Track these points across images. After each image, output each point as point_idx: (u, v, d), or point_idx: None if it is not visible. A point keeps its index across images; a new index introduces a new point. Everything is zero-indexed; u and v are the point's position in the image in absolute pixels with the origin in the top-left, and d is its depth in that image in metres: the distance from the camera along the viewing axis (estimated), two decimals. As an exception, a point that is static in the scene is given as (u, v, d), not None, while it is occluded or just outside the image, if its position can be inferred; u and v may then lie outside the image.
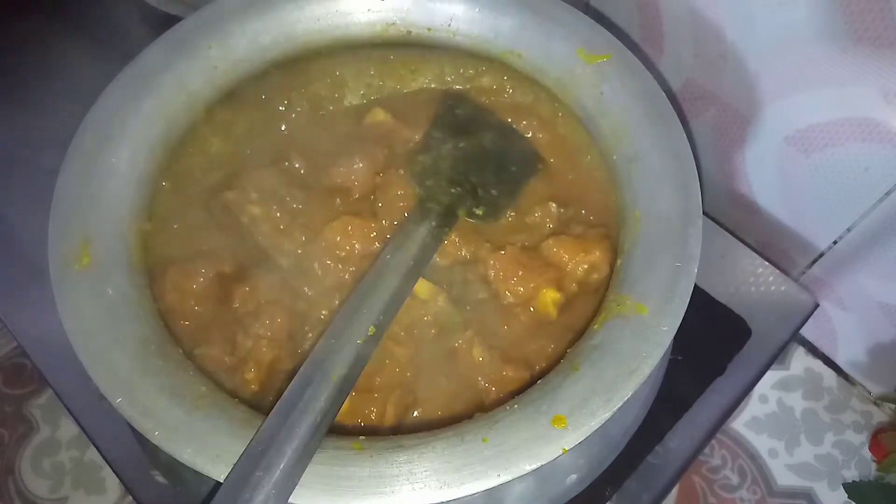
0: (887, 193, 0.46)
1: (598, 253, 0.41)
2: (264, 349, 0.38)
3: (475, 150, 0.46)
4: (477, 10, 0.45)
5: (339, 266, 0.42)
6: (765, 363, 0.51)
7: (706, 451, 0.56)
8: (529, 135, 0.48)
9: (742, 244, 0.55)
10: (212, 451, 0.31)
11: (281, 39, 0.45)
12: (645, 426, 0.44)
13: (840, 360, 0.60)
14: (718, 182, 0.58)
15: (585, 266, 0.41)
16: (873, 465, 0.57)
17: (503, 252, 0.42)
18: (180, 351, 0.36)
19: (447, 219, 0.42)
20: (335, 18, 0.46)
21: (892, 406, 0.58)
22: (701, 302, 0.49)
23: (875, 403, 0.59)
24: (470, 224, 0.43)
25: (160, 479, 0.45)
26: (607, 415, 0.32)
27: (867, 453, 0.57)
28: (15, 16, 0.68)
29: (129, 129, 0.40)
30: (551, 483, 0.41)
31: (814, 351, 0.61)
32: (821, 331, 0.59)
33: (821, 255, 0.54)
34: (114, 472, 0.47)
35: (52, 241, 0.37)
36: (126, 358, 0.34)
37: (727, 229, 0.56)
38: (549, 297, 0.40)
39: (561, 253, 0.41)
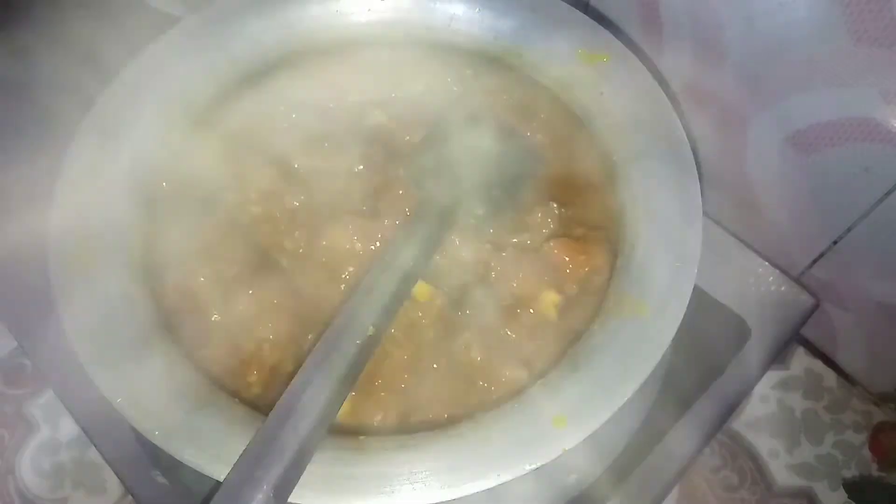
0: (887, 193, 0.46)
1: (599, 255, 0.41)
2: (267, 353, 0.39)
3: (475, 151, 0.46)
4: (477, 10, 0.45)
5: (340, 267, 0.42)
6: (765, 363, 0.51)
7: (706, 451, 0.56)
8: (529, 135, 0.48)
9: (742, 244, 0.55)
10: (212, 451, 0.31)
11: (281, 39, 0.45)
12: (645, 426, 0.44)
13: (840, 360, 0.60)
14: (718, 182, 0.58)
15: (586, 269, 0.41)
16: (873, 465, 0.57)
17: (504, 254, 0.42)
18: (180, 351, 0.36)
19: (447, 219, 0.42)
20: (335, 18, 0.46)
21: (892, 406, 0.58)
22: (701, 302, 0.49)
23: (875, 403, 0.59)
24: (470, 225, 0.43)
25: (160, 479, 0.45)
26: (607, 415, 0.32)
27: (867, 453, 0.57)
28: (14, 15, 0.68)
29: (130, 129, 0.40)
30: (551, 483, 0.41)
31: (814, 351, 0.61)
32: (821, 331, 0.59)
33: (821, 255, 0.54)
34: (114, 472, 0.47)
35: (52, 240, 0.37)
36: (126, 358, 0.34)
37: (727, 229, 0.56)
38: (550, 299, 0.40)
39: (562, 255, 0.41)
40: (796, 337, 0.57)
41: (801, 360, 0.60)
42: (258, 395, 0.38)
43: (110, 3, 0.68)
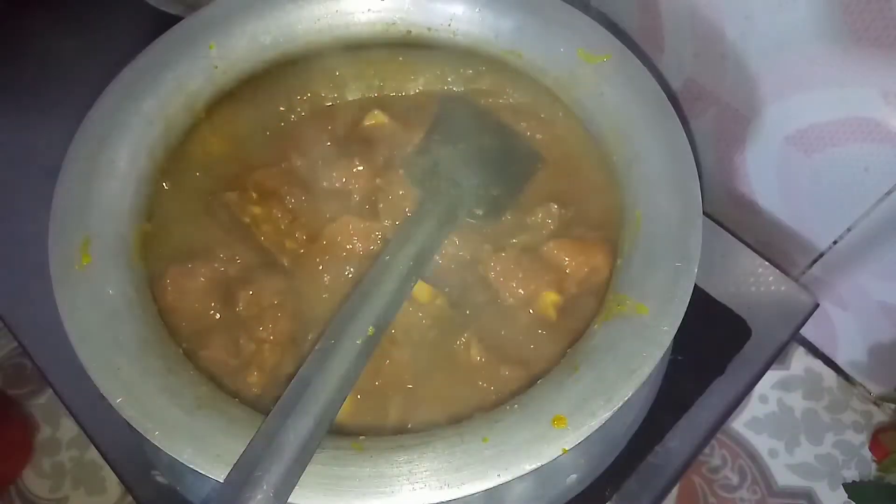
0: (887, 193, 0.47)
1: (598, 256, 0.41)
2: (267, 353, 0.39)
3: (475, 151, 0.46)
4: (477, 10, 0.45)
5: (341, 267, 0.42)
6: (765, 363, 0.51)
7: (706, 451, 0.56)
8: (529, 135, 0.48)
9: (742, 244, 0.55)
10: (212, 451, 0.31)
11: (281, 39, 0.45)
12: (645, 426, 0.44)
13: (840, 360, 0.60)
14: (718, 182, 0.58)
15: (586, 269, 0.41)
16: (873, 465, 0.57)
17: (503, 254, 0.42)
18: (180, 351, 0.36)
19: (447, 220, 0.42)
20: (335, 18, 0.46)
21: (892, 406, 0.58)
22: (701, 302, 0.49)
23: (875, 403, 0.59)
24: (470, 225, 0.43)
25: (160, 479, 0.45)
26: (607, 415, 0.32)
27: (867, 453, 0.57)
28: (14, 15, 0.68)
29: (129, 129, 0.40)
30: (551, 483, 0.41)
31: (814, 351, 0.61)
32: (821, 331, 0.59)
33: (821, 255, 0.54)
34: (114, 472, 0.47)
35: (52, 241, 0.37)
36: (126, 358, 0.34)
37: (727, 229, 0.56)
38: (549, 299, 0.40)
39: (561, 255, 0.41)
40: (796, 337, 0.57)
41: (801, 360, 0.60)
42: (258, 396, 0.38)
43: (110, 3, 0.68)
